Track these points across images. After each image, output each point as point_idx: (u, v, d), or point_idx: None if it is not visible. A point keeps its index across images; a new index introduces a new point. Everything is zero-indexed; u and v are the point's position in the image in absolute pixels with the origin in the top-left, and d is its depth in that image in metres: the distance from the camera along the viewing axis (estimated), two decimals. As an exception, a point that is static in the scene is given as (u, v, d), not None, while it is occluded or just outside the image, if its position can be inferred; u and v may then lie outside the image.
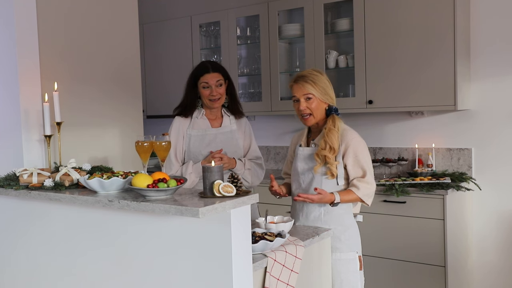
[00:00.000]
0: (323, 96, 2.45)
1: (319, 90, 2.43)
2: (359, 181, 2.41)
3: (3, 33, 2.71)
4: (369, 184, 2.41)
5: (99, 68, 3.08)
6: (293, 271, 2.12)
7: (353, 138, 2.44)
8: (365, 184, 2.40)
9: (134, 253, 2.09)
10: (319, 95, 2.44)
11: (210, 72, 2.79)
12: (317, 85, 2.43)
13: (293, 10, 4.35)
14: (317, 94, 2.43)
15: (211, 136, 2.85)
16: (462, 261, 3.67)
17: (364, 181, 2.40)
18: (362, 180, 2.41)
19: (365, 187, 2.40)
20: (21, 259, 2.50)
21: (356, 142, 2.43)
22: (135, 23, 3.31)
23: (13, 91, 2.69)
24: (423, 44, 3.61)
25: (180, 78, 3.51)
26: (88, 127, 3.01)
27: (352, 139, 2.44)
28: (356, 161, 2.42)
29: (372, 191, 2.43)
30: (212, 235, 1.87)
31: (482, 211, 3.81)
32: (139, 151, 2.35)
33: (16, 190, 2.31)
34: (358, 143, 2.43)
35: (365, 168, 2.42)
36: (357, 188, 2.40)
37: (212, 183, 1.92)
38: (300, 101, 2.45)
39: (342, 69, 4.09)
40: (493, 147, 3.75)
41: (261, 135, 4.65)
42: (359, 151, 2.42)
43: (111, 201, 1.99)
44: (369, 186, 2.41)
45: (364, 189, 2.40)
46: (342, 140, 2.44)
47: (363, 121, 4.21)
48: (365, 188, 2.40)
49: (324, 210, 2.46)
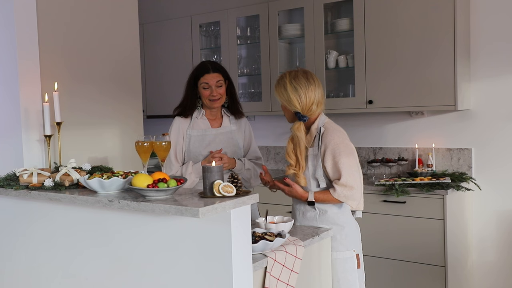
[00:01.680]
0: (288, 104, 2.46)
1: (282, 99, 2.47)
2: (336, 183, 2.37)
3: (3, 33, 2.71)
4: (346, 186, 2.35)
5: (99, 68, 3.08)
6: (293, 271, 2.12)
7: (333, 139, 2.39)
8: (342, 186, 2.35)
9: (134, 253, 2.09)
10: (284, 103, 2.48)
11: (210, 72, 2.79)
12: (279, 95, 2.48)
13: (293, 10, 4.35)
14: (282, 102, 2.49)
15: (211, 137, 2.85)
16: (462, 261, 3.67)
17: (340, 183, 2.35)
18: (338, 182, 2.36)
19: (343, 189, 2.35)
20: (21, 259, 2.50)
21: (335, 144, 2.38)
22: (135, 23, 3.30)
23: (13, 91, 2.69)
24: (423, 44, 3.61)
25: (180, 78, 3.51)
26: (88, 127, 3.01)
27: (332, 140, 2.39)
28: (333, 163, 2.38)
29: (352, 193, 2.36)
30: (212, 235, 1.87)
31: (482, 211, 3.81)
32: (139, 151, 2.35)
33: (16, 190, 2.31)
34: (337, 145, 2.38)
35: (341, 170, 2.36)
36: (333, 189, 2.37)
37: (212, 183, 1.92)
38: None
39: (342, 69, 4.09)
40: (493, 147, 3.75)
41: (261, 135, 4.66)
42: (337, 152, 2.37)
43: (111, 201, 1.99)
44: (347, 188, 2.35)
45: (342, 191, 2.35)
46: (322, 141, 2.41)
47: (363, 121, 4.22)
48: (343, 190, 2.35)
49: (319, 210, 2.46)
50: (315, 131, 2.47)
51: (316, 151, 2.43)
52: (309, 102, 2.41)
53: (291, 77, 2.44)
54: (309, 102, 2.41)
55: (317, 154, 2.42)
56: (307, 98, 2.41)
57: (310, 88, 2.42)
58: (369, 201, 3.50)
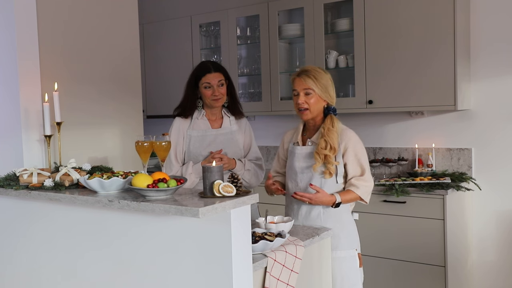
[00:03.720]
0: (323, 94, 2.46)
1: (320, 87, 2.45)
2: (357, 180, 2.45)
3: (3, 33, 2.71)
4: (367, 182, 2.46)
5: (99, 68, 3.08)
6: (293, 271, 2.12)
7: (352, 137, 2.49)
8: (363, 182, 2.45)
9: (134, 253, 2.09)
10: (319, 91, 2.45)
11: (211, 72, 2.79)
12: (319, 81, 2.45)
13: (293, 10, 4.35)
14: (317, 90, 2.45)
15: (211, 137, 2.84)
16: (462, 261, 3.67)
17: (363, 179, 2.45)
18: (361, 179, 2.45)
19: (364, 186, 2.45)
20: (21, 259, 2.50)
21: (355, 141, 2.48)
22: (135, 23, 3.30)
23: (13, 91, 2.69)
24: (423, 44, 3.61)
25: (180, 78, 3.51)
26: (88, 127, 3.01)
27: (351, 138, 2.48)
28: (355, 159, 2.46)
29: (370, 189, 2.49)
30: (212, 235, 1.87)
31: (482, 211, 3.81)
32: (139, 151, 2.35)
33: (16, 190, 2.31)
34: (356, 142, 2.48)
35: (364, 166, 2.46)
36: (356, 187, 2.44)
37: (212, 183, 1.92)
38: (299, 95, 2.47)
39: (342, 69, 4.09)
40: (493, 147, 3.75)
41: (261, 135, 4.65)
42: (358, 149, 2.47)
43: (111, 201, 1.99)
44: (368, 184, 2.46)
45: (363, 188, 2.45)
46: (342, 139, 2.47)
47: (363, 121, 4.21)
48: (364, 187, 2.45)
49: (323, 208, 2.47)
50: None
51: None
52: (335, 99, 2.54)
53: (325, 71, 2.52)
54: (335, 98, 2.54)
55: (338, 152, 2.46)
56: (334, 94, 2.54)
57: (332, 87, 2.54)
58: (369, 201, 3.49)
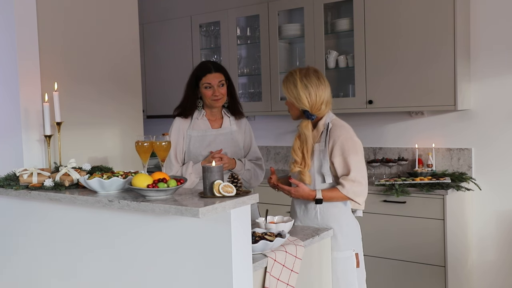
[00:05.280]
0: (296, 102, 2.46)
1: (289, 96, 2.48)
2: (344, 179, 2.37)
3: (3, 33, 2.71)
4: (355, 182, 2.35)
5: (99, 68, 3.08)
6: (293, 271, 2.12)
7: (341, 135, 2.40)
8: (351, 182, 2.35)
9: (134, 253, 2.09)
10: (290, 100, 2.48)
11: (212, 72, 2.79)
12: (288, 91, 2.48)
13: (293, 10, 4.35)
14: (289, 99, 2.49)
15: (211, 137, 2.84)
16: (462, 261, 3.67)
17: (349, 179, 2.36)
18: (347, 178, 2.36)
19: (352, 185, 2.35)
20: (21, 259, 2.50)
21: (344, 139, 2.39)
22: (135, 23, 3.30)
23: (13, 91, 2.69)
24: (423, 44, 3.61)
25: (180, 78, 3.51)
26: (88, 127, 3.01)
27: (340, 136, 2.40)
28: (341, 158, 2.38)
29: (361, 189, 2.38)
30: (212, 235, 1.87)
31: (482, 211, 3.81)
32: (139, 151, 2.35)
33: (16, 190, 2.31)
34: (346, 140, 2.39)
35: (350, 166, 2.36)
36: (342, 186, 2.37)
37: (212, 183, 1.92)
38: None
39: (342, 69, 4.09)
40: (493, 147, 3.75)
41: (261, 135, 4.65)
42: (346, 148, 2.38)
43: (111, 201, 1.99)
44: (356, 184, 2.36)
45: (351, 187, 2.36)
46: (330, 136, 2.41)
47: (363, 121, 4.21)
48: (352, 186, 2.35)
49: (320, 208, 2.46)
50: (323, 126, 2.47)
51: (323, 146, 2.42)
52: (319, 101, 2.43)
53: (302, 74, 2.45)
54: (319, 101, 2.43)
55: (324, 150, 2.42)
56: (317, 97, 2.43)
57: (321, 88, 2.44)
58: (369, 201, 3.48)
